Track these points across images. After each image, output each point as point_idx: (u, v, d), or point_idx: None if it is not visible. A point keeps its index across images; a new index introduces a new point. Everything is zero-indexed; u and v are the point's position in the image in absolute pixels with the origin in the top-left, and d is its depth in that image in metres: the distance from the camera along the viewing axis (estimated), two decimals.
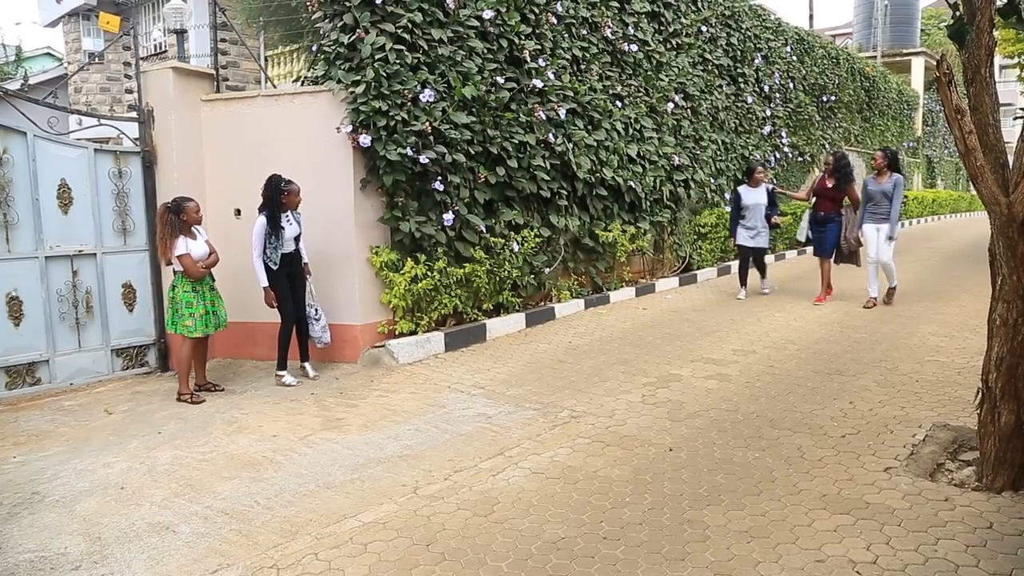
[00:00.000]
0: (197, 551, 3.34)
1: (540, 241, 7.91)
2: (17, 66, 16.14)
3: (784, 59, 14.24)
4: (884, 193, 8.01)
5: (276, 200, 5.85)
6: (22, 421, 5.40)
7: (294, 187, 5.95)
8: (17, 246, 5.91)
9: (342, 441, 4.66)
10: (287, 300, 6.00)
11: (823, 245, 8.70)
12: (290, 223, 5.98)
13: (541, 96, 7.92)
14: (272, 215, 5.82)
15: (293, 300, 6.06)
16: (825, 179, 8.70)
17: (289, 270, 6.01)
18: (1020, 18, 2.86)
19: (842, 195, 8.56)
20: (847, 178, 8.51)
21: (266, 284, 5.86)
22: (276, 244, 5.86)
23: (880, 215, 8.10)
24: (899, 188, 8.04)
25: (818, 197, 8.76)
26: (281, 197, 5.87)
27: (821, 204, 8.72)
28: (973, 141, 3.41)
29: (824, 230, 8.66)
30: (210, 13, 8.43)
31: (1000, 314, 3.57)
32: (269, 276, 5.87)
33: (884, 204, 8.04)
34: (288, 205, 5.94)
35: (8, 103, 5.98)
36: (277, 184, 5.86)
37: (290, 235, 5.98)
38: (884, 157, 8.09)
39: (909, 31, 26.52)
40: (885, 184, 8.04)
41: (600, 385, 5.61)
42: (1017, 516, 3.33)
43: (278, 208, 5.86)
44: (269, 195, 5.85)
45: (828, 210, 8.64)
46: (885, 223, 8.04)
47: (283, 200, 5.89)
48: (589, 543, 3.25)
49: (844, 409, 4.87)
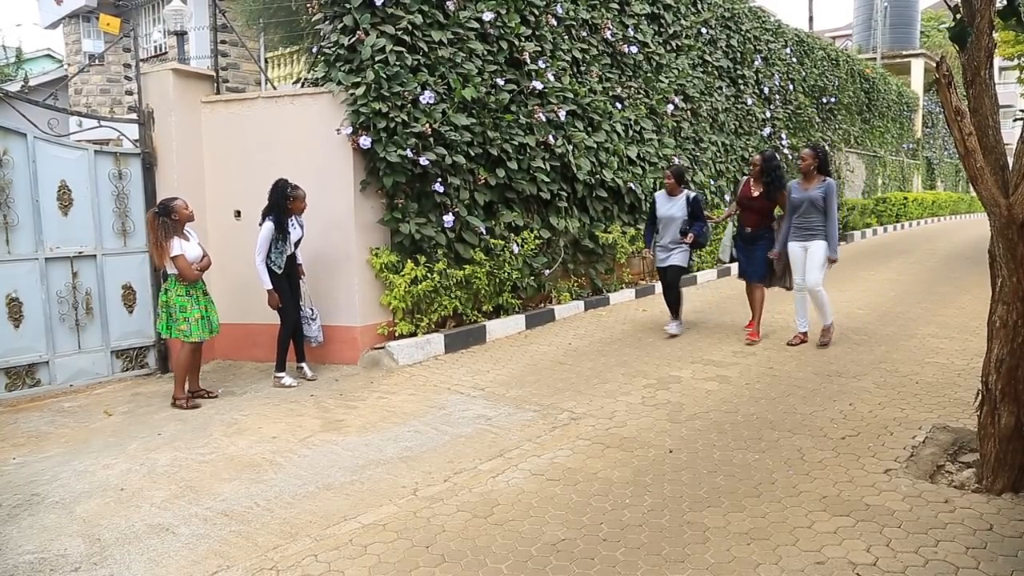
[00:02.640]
0: (197, 552, 3.34)
1: (540, 243, 7.91)
2: (17, 68, 16.12)
3: (784, 61, 14.26)
4: (812, 202, 6.41)
5: (283, 205, 5.86)
6: (22, 422, 5.40)
7: (300, 192, 5.97)
8: (17, 247, 5.91)
9: (342, 443, 4.66)
10: (288, 303, 6.01)
11: (753, 268, 6.89)
12: (295, 227, 6.01)
13: (541, 98, 7.93)
14: (279, 220, 5.84)
15: (294, 304, 6.08)
16: (750, 185, 6.89)
17: (288, 271, 6.02)
18: (1020, 20, 2.87)
19: (772, 205, 6.81)
20: (778, 183, 6.73)
21: (270, 287, 5.88)
22: (282, 248, 5.89)
23: (808, 230, 6.47)
24: (831, 196, 6.40)
25: (743, 209, 6.97)
26: (287, 202, 5.89)
27: (747, 217, 6.91)
28: (973, 143, 3.41)
29: (753, 249, 6.85)
30: (210, 15, 8.44)
31: (1000, 316, 3.57)
32: (273, 279, 5.88)
33: (813, 216, 6.42)
34: (294, 210, 5.96)
35: (8, 104, 5.98)
36: (284, 189, 5.88)
37: (294, 239, 6.01)
38: (813, 156, 6.47)
39: (909, 33, 26.54)
40: (813, 190, 6.42)
41: (600, 387, 5.60)
42: (1017, 518, 3.33)
43: (285, 213, 5.88)
44: (276, 200, 5.86)
45: (756, 225, 6.83)
46: (813, 240, 6.44)
47: (289, 205, 5.90)
48: (589, 545, 3.25)
49: (844, 411, 4.87)
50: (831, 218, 6.41)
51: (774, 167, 6.74)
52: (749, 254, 6.90)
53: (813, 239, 6.45)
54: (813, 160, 6.45)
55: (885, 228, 19.12)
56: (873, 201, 18.77)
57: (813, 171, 6.46)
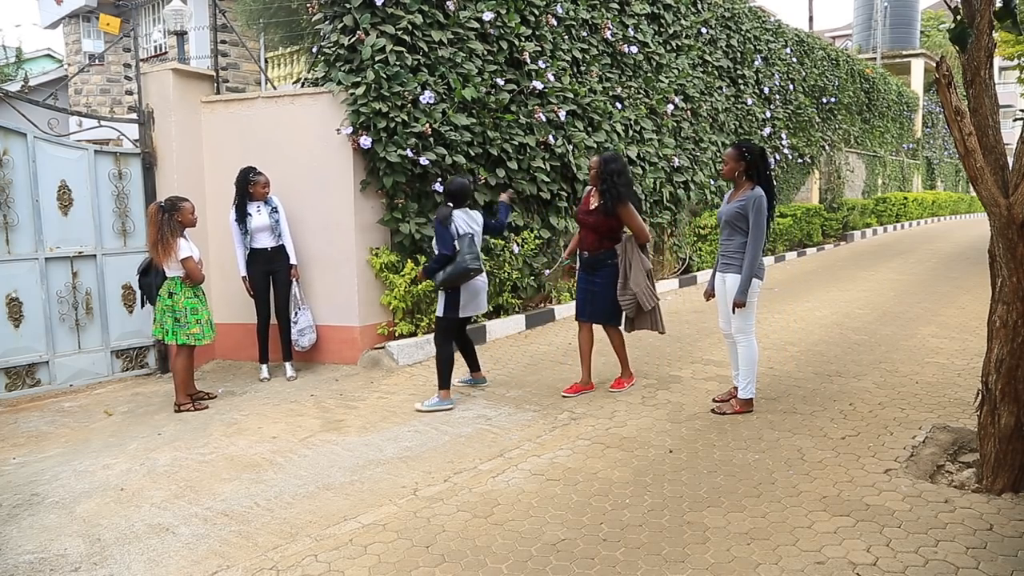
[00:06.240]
0: (197, 552, 3.34)
1: (540, 243, 7.91)
2: (17, 68, 16.13)
3: (784, 61, 14.25)
4: (729, 220, 4.75)
5: (244, 190, 6.10)
6: (22, 422, 5.40)
7: (262, 178, 6.17)
8: (17, 247, 5.91)
9: (342, 443, 4.66)
10: (261, 297, 6.19)
11: (594, 307, 5.33)
12: (259, 212, 6.12)
13: (541, 98, 7.93)
14: (239, 204, 6.09)
15: (273, 299, 6.22)
16: (590, 196, 5.34)
17: (269, 268, 6.10)
18: (1015, 22, 2.87)
19: (615, 221, 5.19)
20: (621, 190, 5.10)
21: (244, 274, 6.16)
22: (244, 231, 6.10)
23: (725, 257, 4.83)
24: (757, 210, 4.60)
25: (580, 227, 5.42)
26: (248, 187, 6.10)
27: (584, 237, 5.34)
28: (973, 143, 3.41)
29: (594, 278, 5.29)
30: (210, 15, 8.44)
31: (1000, 316, 3.57)
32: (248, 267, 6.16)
33: (735, 238, 4.75)
34: (255, 195, 6.13)
35: (8, 104, 5.98)
36: (246, 174, 6.13)
37: (258, 225, 6.09)
38: (736, 157, 4.71)
39: (909, 33, 26.54)
40: (734, 203, 4.73)
41: (599, 386, 5.60)
42: (1017, 518, 3.33)
43: (246, 196, 6.10)
44: (237, 185, 6.11)
45: (595, 248, 5.26)
46: (729, 271, 4.79)
47: (250, 189, 6.10)
48: (589, 545, 3.25)
49: (844, 411, 4.87)
50: (750, 242, 4.64)
51: (613, 171, 5.09)
52: (589, 289, 5.33)
53: (729, 270, 4.80)
54: (736, 163, 4.72)
55: (885, 228, 19.12)
56: (873, 201, 18.77)
57: (741, 177, 4.75)
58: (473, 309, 5.35)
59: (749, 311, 4.75)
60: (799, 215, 13.94)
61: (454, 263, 5.07)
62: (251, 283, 6.15)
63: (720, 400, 5.08)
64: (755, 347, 4.82)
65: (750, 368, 4.82)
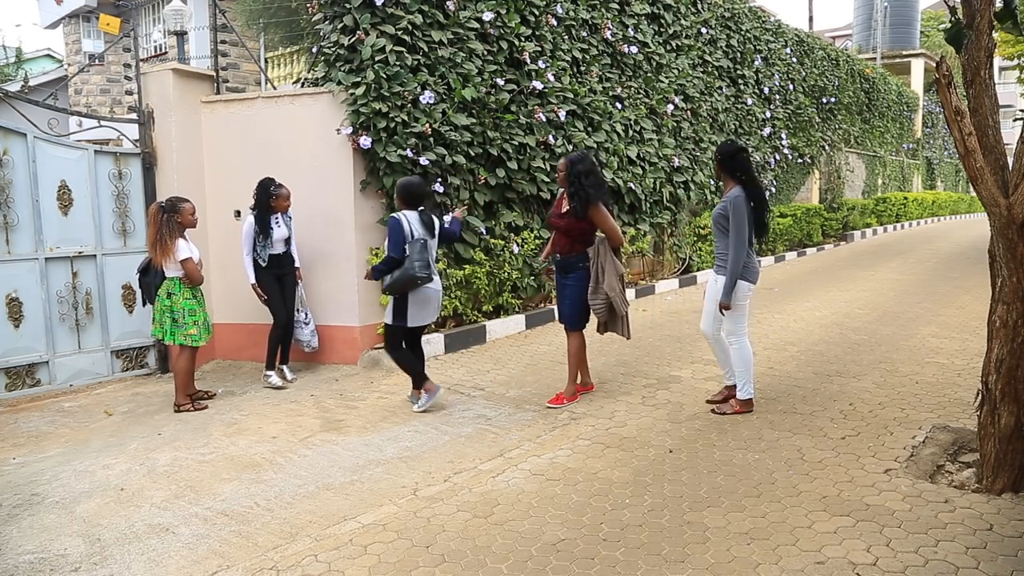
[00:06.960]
0: (197, 552, 3.34)
1: (540, 243, 7.91)
2: (17, 68, 16.14)
3: (784, 61, 14.26)
4: (715, 220, 4.77)
5: (266, 203, 5.96)
6: (22, 422, 5.40)
7: (284, 191, 6.05)
8: (17, 247, 5.91)
9: (342, 443, 4.66)
10: (276, 300, 6.08)
11: (560, 307, 5.33)
12: (279, 225, 6.06)
13: (541, 98, 7.93)
14: (261, 217, 5.94)
15: (283, 303, 6.13)
16: (561, 200, 5.22)
17: (279, 272, 6.08)
18: (1016, 23, 2.87)
19: (587, 224, 5.05)
20: (590, 192, 4.93)
21: (253, 281, 6.00)
22: (265, 244, 5.98)
23: (717, 257, 4.84)
24: (734, 211, 4.58)
25: (553, 230, 5.34)
26: (271, 200, 5.97)
27: (558, 241, 5.26)
28: (973, 143, 3.41)
29: (566, 280, 5.21)
30: (210, 15, 8.44)
31: (1000, 316, 3.57)
32: (257, 273, 5.99)
33: (722, 239, 4.74)
34: (277, 208, 6.04)
35: (8, 104, 5.98)
36: (267, 187, 5.98)
37: (279, 236, 6.06)
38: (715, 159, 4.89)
39: (909, 33, 26.55)
40: (720, 203, 4.75)
41: (599, 387, 5.60)
42: (1017, 518, 3.33)
43: (267, 210, 5.97)
44: (259, 198, 5.97)
45: (567, 250, 5.17)
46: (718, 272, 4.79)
47: (272, 203, 5.99)
48: (589, 545, 3.25)
49: (844, 411, 4.87)
50: (731, 244, 4.60)
51: (580, 173, 4.92)
52: (561, 289, 5.30)
53: (720, 271, 4.76)
54: (716, 165, 4.83)
55: (885, 228, 19.13)
56: (873, 201, 18.78)
57: (725, 177, 4.76)
58: (422, 319, 5.18)
59: (739, 313, 4.73)
60: (799, 215, 13.95)
61: (402, 268, 4.92)
62: (263, 288, 6.01)
63: (716, 401, 5.07)
64: (748, 348, 4.81)
65: (745, 370, 4.82)
